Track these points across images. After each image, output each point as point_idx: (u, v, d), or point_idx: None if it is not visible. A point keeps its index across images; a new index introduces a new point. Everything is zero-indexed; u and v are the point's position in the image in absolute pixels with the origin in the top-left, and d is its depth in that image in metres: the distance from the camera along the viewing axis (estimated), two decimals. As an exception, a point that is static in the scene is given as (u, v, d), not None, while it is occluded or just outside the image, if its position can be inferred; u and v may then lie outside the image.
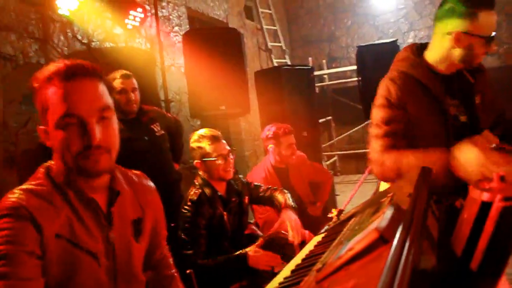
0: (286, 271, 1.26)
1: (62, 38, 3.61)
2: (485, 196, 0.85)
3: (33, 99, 1.28)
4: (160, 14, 4.86)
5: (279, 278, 1.20)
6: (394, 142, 1.84)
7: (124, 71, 3.09)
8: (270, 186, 2.99)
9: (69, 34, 3.69)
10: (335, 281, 0.77)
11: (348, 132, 8.32)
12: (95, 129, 1.22)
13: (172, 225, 2.62)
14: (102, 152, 1.25)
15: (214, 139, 2.63)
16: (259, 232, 3.04)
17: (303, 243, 2.41)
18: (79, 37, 3.80)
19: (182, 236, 2.50)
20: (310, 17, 9.00)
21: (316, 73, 8.31)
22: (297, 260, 1.39)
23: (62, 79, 1.22)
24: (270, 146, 3.53)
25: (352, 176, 8.33)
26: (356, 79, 5.65)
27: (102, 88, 1.28)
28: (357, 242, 0.84)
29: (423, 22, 8.00)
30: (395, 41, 5.32)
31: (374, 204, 1.30)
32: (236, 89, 4.23)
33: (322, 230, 1.72)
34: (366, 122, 7.91)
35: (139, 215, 1.48)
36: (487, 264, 0.83)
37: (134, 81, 3.10)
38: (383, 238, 0.80)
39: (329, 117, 8.54)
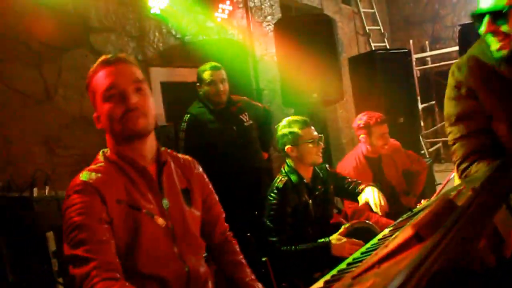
0: (343, 264, 1.27)
1: (157, 34, 3.85)
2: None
3: (88, 95, 1.54)
4: (251, 4, 4.95)
5: (333, 271, 1.21)
6: (473, 145, 1.64)
7: (213, 63, 3.21)
8: (355, 180, 2.91)
9: (164, 30, 3.92)
10: (362, 279, 0.76)
11: (454, 117, 7.81)
12: (131, 95, 1.45)
13: (256, 213, 2.70)
14: (139, 114, 1.46)
15: (305, 123, 2.66)
16: (346, 222, 3.01)
17: None
18: (173, 33, 4.02)
19: (268, 223, 2.55)
20: (412, -3, 8.56)
21: (417, 55, 7.94)
22: (357, 253, 1.38)
23: (104, 64, 1.50)
24: (362, 136, 3.44)
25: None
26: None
27: (135, 69, 1.53)
28: (395, 239, 0.83)
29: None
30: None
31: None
32: (329, 76, 4.18)
33: (394, 223, 1.68)
34: (473, 106, 7.38)
35: (186, 185, 1.66)
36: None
37: (223, 72, 3.21)
38: (419, 235, 0.78)
39: (433, 102, 8.09)
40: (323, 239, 2.48)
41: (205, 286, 1.61)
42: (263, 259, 2.19)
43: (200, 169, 1.78)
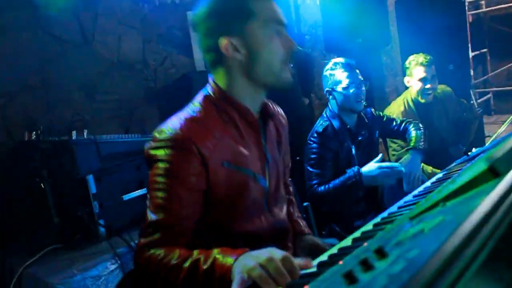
0: (393, 207, 1.17)
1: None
2: None
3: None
4: None
5: (383, 214, 1.11)
6: None
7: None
8: (404, 119, 2.79)
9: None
10: (425, 218, 0.66)
11: (507, 66, 7.37)
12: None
13: (297, 158, 2.62)
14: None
15: (348, 66, 2.52)
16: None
17: None
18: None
19: (308, 167, 2.48)
20: None
21: (470, -1, 7.43)
22: (409, 196, 1.28)
23: None
24: (406, 78, 3.26)
25: (509, 116, 7.45)
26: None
27: None
28: (462, 176, 0.71)
29: None
30: None
31: None
32: (375, 20, 3.96)
33: (449, 166, 1.56)
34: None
35: (278, 138, 1.52)
36: None
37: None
38: (494, 170, 0.66)
39: (485, 50, 7.63)
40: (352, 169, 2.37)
41: (288, 236, 1.54)
42: (304, 204, 2.12)
43: (283, 113, 1.65)
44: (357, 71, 2.53)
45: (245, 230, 1.34)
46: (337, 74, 2.51)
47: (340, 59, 2.55)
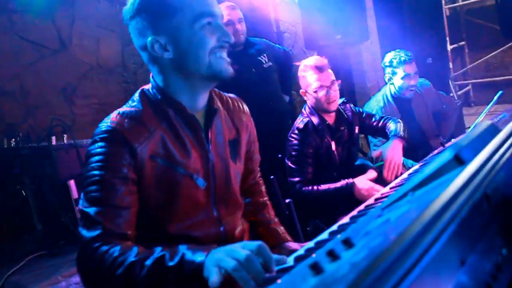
0: (370, 200, 1.19)
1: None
2: None
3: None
4: None
5: (360, 207, 1.13)
6: None
7: (229, 3, 3.07)
8: (384, 115, 2.82)
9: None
10: (394, 207, 0.68)
11: (484, 58, 7.48)
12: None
13: (279, 156, 2.64)
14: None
15: (317, 69, 2.52)
16: (371, 164, 2.92)
17: None
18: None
19: (289, 164, 2.49)
20: None
21: (447, -7, 7.52)
22: (386, 188, 1.30)
23: None
24: (387, 75, 3.28)
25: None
26: (493, -5, 4.99)
27: None
28: (431, 165, 0.73)
29: None
30: None
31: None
32: (354, 16, 3.99)
33: (425, 158, 1.59)
34: (507, 45, 7.04)
35: (235, 136, 1.47)
36: None
37: (240, 11, 3.07)
38: (459, 158, 0.68)
39: (462, 42, 7.73)
40: (346, 180, 2.40)
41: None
42: (286, 201, 2.13)
43: (247, 110, 1.58)
44: (329, 70, 2.53)
45: (186, 234, 1.31)
46: (307, 77, 2.52)
47: (310, 60, 2.55)
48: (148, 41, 1.25)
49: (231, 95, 1.56)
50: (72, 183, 2.26)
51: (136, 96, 1.34)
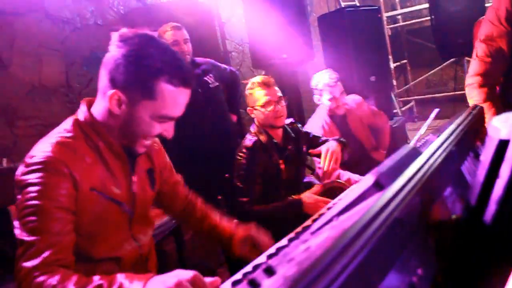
0: (308, 221, 1.23)
1: (117, -4, 3.67)
2: (503, 133, 0.73)
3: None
4: (217, -36, 4.77)
5: (298, 228, 1.16)
6: (483, 68, 2.00)
7: (174, 23, 3.08)
8: (329, 138, 2.90)
9: (123, -9, 3.73)
10: (319, 233, 0.71)
11: (425, 75, 7.84)
12: None
13: (226, 175, 2.65)
14: None
15: (264, 85, 2.58)
16: (318, 182, 2.99)
17: None
18: (134, -6, 3.84)
19: (237, 183, 2.51)
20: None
21: (388, 14, 7.85)
22: (324, 209, 1.34)
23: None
24: (316, 97, 3.42)
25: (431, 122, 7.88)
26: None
27: None
28: (354, 189, 0.77)
29: None
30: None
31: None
32: (299, 35, 4.11)
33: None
34: (444, 64, 7.40)
35: (150, 165, 1.57)
36: (503, 217, 0.73)
37: (185, 32, 3.09)
38: (379, 183, 0.73)
39: (404, 61, 8.08)
40: (294, 197, 2.45)
41: (149, 258, 1.58)
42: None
43: (155, 139, 1.64)
44: (276, 88, 2.60)
45: (107, 256, 1.37)
46: (255, 93, 2.58)
47: (258, 78, 2.62)
48: (112, 90, 1.27)
49: None
50: (12, 208, 2.18)
51: (69, 125, 1.35)
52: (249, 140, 2.59)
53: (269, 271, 0.55)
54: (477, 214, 0.76)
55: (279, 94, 2.59)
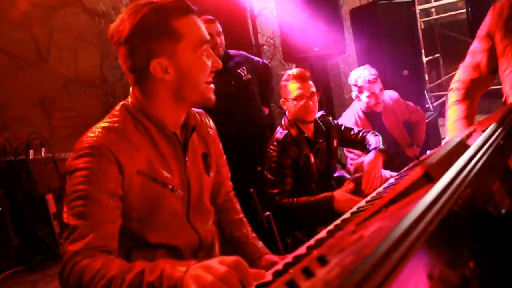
0: (347, 214, 1.22)
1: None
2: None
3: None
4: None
5: (337, 221, 1.15)
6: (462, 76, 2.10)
7: (207, 16, 3.10)
8: (362, 129, 2.88)
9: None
10: (367, 224, 0.70)
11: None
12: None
13: (259, 168, 2.66)
14: None
15: (299, 78, 2.57)
16: (349, 176, 2.97)
17: None
18: (169, -13, 3.86)
19: (268, 175, 2.52)
20: None
21: (421, 7, 7.68)
22: (362, 202, 1.33)
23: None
24: (354, 94, 3.36)
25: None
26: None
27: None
28: (402, 181, 0.76)
29: None
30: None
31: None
32: (330, 29, 4.08)
33: (400, 172, 1.63)
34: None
35: (205, 149, 1.53)
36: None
37: (219, 25, 3.10)
38: (429, 175, 0.71)
39: (437, 55, 7.91)
40: (325, 193, 2.44)
41: (212, 249, 1.54)
42: (266, 213, 2.15)
43: (212, 124, 1.64)
44: (310, 82, 2.58)
45: (165, 243, 1.36)
46: (289, 85, 2.57)
47: (294, 71, 2.61)
48: (148, 62, 1.26)
49: (198, 110, 1.61)
50: (50, 197, 2.24)
51: (117, 110, 1.36)
52: (280, 133, 2.59)
53: (322, 260, 0.55)
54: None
55: (313, 89, 2.58)
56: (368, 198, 1.35)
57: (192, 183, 1.43)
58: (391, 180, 1.49)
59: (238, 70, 3.18)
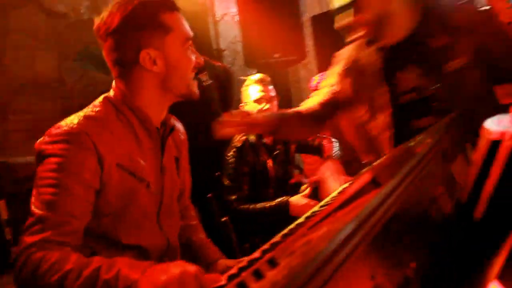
0: (301, 218, 1.25)
1: (112, -10, 3.66)
2: (494, 134, 0.76)
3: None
4: (212, -38, 4.78)
5: (291, 225, 1.19)
6: None
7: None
8: (318, 135, 2.94)
9: (120, -14, 3.72)
10: (318, 228, 0.74)
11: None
12: None
13: (217, 174, 2.67)
14: None
15: (260, 82, 2.62)
16: (306, 181, 3.02)
17: None
18: (130, -10, 3.83)
19: (226, 181, 2.54)
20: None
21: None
22: (316, 207, 1.37)
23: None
24: None
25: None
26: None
27: None
28: (352, 186, 0.80)
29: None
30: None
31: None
32: (291, 35, 4.14)
33: (354, 177, 1.68)
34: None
35: (176, 154, 1.55)
36: (492, 214, 0.76)
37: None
38: (376, 181, 0.76)
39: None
40: (281, 199, 2.48)
41: (177, 253, 1.53)
42: (223, 219, 2.17)
43: (183, 130, 1.68)
44: (270, 87, 2.62)
45: (134, 244, 1.32)
46: (249, 89, 2.61)
47: (255, 76, 2.65)
48: (138, 54, 1.29)
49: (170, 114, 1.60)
50: (2, 203, 2.18)
51: (99, 102, 1.35)
52: (238, 140, 2.61)
53: (273, 263, 0.58)
54: (468, 211, 0.80)
55: (272, 94, 2.62)
56: (323, 202, 1.39)
57: (166, 183, 1.43)
58: (346, 185, 1.54)
59: (199, 76, 3.17)
